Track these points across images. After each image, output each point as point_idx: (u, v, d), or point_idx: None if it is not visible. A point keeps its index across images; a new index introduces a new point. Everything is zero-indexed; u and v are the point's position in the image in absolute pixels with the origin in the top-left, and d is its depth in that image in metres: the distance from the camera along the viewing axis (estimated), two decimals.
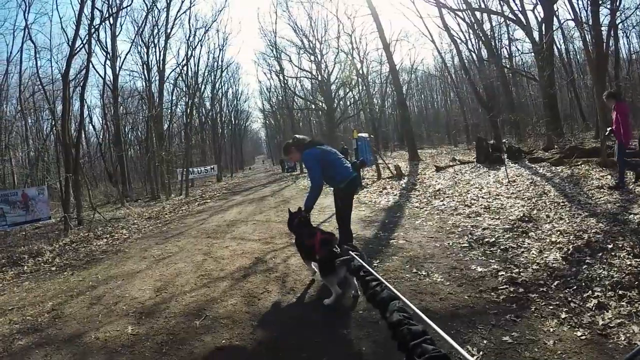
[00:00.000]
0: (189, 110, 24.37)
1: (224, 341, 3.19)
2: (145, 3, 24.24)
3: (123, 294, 4.70)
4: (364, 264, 2.29)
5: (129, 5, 21.80)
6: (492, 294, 3.42)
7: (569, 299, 3.14)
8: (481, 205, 7.05)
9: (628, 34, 24.90)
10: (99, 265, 6.55)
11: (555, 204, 6.24)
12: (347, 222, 4.49)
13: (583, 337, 2.62)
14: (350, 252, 2.75)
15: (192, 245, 7.06)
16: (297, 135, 4.66)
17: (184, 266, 5.65)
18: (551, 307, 3.05)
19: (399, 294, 1.75)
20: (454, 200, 7.85)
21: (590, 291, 3.20)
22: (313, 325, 3.31)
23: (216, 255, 6.07)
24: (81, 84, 17.04)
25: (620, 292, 3.08)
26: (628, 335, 2.57)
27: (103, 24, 20.62)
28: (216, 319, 3.62)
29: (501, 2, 20.38)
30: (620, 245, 4.00)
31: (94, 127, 33.11)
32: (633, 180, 6.67)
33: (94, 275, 5.85)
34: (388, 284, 1.90)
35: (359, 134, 17.56)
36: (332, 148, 4.65)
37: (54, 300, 4.84)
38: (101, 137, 31.15)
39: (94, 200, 17.56)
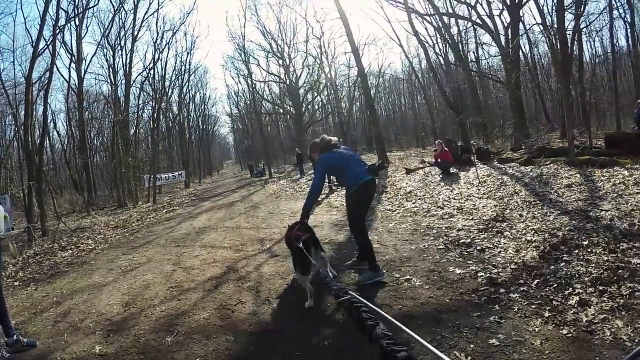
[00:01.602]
0: (155, 115, 23.63)
1: (198, 359, 2.99)
2: (112, 4, 23.43)
3: (89, 310, 4.41)
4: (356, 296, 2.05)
5: (95, 5, 21.04)
6: (473, 295, 3.36)
7: (551, 297, 3.11)
8: (453, 206, 7.07)
9: (592, 40, 26.09)
10: (64, 278, 6.19)
11: (527, 203, 6.30)
12: (359, 229, 4.20)
13: (569, 335, 2.58)
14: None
15: (160, 255, 6.77)
16: (325, 136, 4.41)
17: (153, 277, 5.38)
18: (534, 307, 3.01)
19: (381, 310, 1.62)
20: (425, 202, 7.85)
21: (570, 288, 3.18)
22: (292, 336, 3.14)
23: (186, 265, 5.83)
24: (45, 87, 16.27)
25: (600, 288, 3.09)
26: (613, 330, 2.55)
27: (68, 24, 20.00)
28: (188, 335, 3.41)
29: (469, 7, 20.86)
30: (596, 242, 4.04)
31: (58, 133, 31.89)
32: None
33: (59, 289, 5.52)
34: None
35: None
36: (349, 150, 4.46)
37: (17, 318, 4.46)
38: (66, 143, 30.10)
39: (59, 209, 16.90)
